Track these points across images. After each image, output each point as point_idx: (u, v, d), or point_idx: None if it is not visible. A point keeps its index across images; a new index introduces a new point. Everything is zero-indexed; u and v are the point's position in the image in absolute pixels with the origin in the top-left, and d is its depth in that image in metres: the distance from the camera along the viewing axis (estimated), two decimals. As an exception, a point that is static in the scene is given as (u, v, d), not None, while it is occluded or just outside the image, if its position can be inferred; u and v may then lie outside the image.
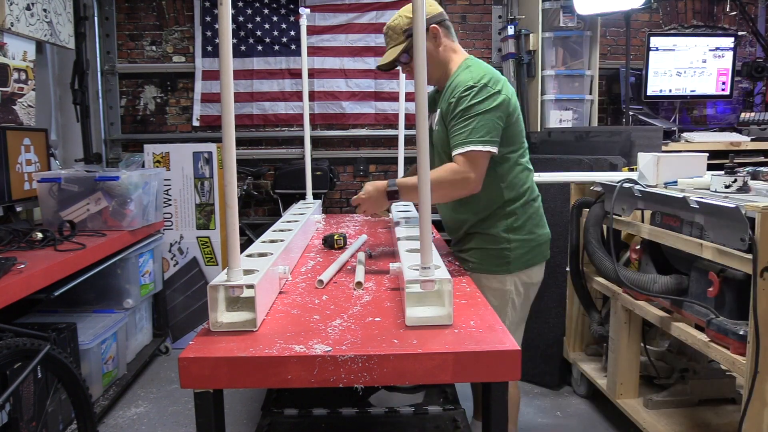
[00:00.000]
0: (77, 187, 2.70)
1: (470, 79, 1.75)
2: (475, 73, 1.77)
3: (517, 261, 1.86)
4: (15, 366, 1.81)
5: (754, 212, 1.56)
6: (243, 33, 4.05)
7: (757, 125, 3.80)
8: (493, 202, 1.85)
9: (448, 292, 1.29)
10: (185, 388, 1.14)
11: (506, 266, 1.86)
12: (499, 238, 1.86)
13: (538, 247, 1.91)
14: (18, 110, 2.80)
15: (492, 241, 1.87)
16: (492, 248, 1.87)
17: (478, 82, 1.74)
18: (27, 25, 2.84)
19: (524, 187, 1.88)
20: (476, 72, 1.78)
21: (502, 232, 1.86)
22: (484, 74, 1.77)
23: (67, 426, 2.31)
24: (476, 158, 1.72)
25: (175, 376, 3.13)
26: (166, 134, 4.11)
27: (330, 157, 4.13)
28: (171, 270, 3.52)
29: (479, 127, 1.72)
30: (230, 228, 1.26)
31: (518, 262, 1.87)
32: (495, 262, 1.87)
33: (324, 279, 1.62)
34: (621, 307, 2.30)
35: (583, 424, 2.54)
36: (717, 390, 2.33)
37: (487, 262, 1.88)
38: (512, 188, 1.85)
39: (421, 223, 1.34)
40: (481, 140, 1.71)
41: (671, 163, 2.16)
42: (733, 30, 4.33)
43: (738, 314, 1.70)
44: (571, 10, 3.80)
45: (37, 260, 2.07)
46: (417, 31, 1.25)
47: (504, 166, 1.83)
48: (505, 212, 1.86)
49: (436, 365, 1.14)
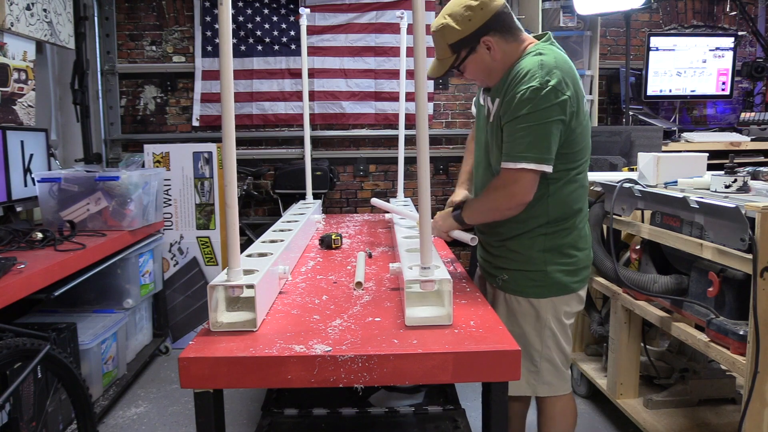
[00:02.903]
0: (77, 187, 2.70)
1: (536, 76, 1.49)
2: (543, 66, 1.51)
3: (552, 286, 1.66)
4: (15, 366, 1.81)
5: (754, 212, 1.56)
6: (243, 33, 4.05)
7: (757, 125, 3.80)
8: (534, 220, 1.64)
9: (448, 292, 1.29)
10: (185, 388, 1.14)
11: (540, 289, 1.67)
12: (535, 258, 1.66)
13: (579, 272, 1.70)
14: (18, 110, 2.80)
15: (526, 261, 1.67)
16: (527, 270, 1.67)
17: (544, 84, 1.48)
18: (27, 25, 2.84)
19: (574, 207, 1.66)
20: (545, 65, 1.51)
21: (539, 252, 1.65)
22: (553, 70, 1.50)
23: (67, 426, 2.31)
24: (523, 175, 1.52)
25: (175, 376, 3.12)
26: (166, 134, 4.11)
27: (330, 157, 4.13)
28: (171, 270, 3.52)
29: (532, 141, 1.50)
30: (230, 228, 1.26)
31: (554, 287, 1.67)
32: (529, 284, 1.67)
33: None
34: (621, 307, 2.30)
35: (583, 424, 2.54)
36: (717, 390, 2.33)
37: (521, 283, 1.68)
38: (559, 207, 1.63)
39: (421, 223, 1.34)
40: (531, 157, 1.50)
41: (671, 163, 2.16)
42: (733, 30, 4.33)
43: (738, 314, 1.70)
44: (571, 10, 3.80)
45: (37, 260, 2.07)
46: (417, 35, 1.25)
47: (557, 183, 1.61)
48: (545, 232, 1.64)
49: (436, 365, 1.14)
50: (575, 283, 1.69)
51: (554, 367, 1.72)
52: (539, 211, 1.62)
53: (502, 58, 1.59)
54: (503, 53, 1.59)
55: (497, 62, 1.59)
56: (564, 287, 1.67)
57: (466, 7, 1.54)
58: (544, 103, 1.48)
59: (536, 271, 1.66)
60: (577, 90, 1.56)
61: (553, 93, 1.48)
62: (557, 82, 1.49)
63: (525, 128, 1.51)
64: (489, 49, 1.57)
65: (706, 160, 2.21)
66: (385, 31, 4.09)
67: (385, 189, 4.24)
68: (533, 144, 1.50)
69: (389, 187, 4.23)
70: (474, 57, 1.59)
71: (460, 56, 1.59)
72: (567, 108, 1.51)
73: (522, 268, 1.67)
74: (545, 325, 1.68)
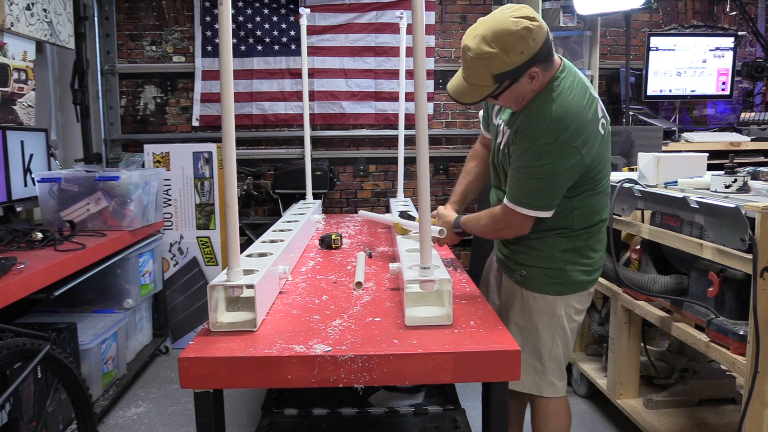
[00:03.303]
0: (77, 187, 2.70)
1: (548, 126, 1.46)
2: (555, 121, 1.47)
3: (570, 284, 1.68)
4: (15, 366, 1.81)
5: (754, 212, 1.56)
6: (243, 33, 4.05)
7: (757, 125, 3.80)
8: (558, 229, 1.64)
9: (448, 292, 1.29)
10: (185, 388, 1.14)
11: (558, 287, 1.68)
12: (555, 257, 1.66)
13: (594, 272, 1.71)
14: (18, 110, 2.80)
15: (546, 259, 1.67)
16: (546, 268, 1.67)
17: (555, 138, 1.45)
18: (27, 25, 2.84)
19: (598, 214, 1.66)
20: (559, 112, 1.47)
21: (559, 251, 1.65)
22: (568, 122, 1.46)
23: (67, 426, 2.31)
24: (521, 218, 1.56)
25: (175, 376, 3.12)
26: (166, 134, 4.11)
27: (330, 157, 4.13)
28: (171, 270, 3.52)
29: (537, 190, 1.51)
30: (230, 228, 1.26)
31: (571, 286, 1.68)
32: (546, 281, 1.68)
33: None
34: (621, 307, 2.30)
35: (583, 424, 2.54)
36: (717, 390, 2.33)
37: (539, 280, 1.68)
38: (584, 216, 1.63)
39: (421, 223, 1.34)
40: (533, 205, 1.52)
41: (671, 163, 2.16)
42: (733, 30, 4.33)
43: (738, 314, 1.70)
44: (571, 10, 3.80)
45: (37, 260, 2.07)
46: (417, 35, 1.25)
47: (580, 197, 1.60)
48: (568, 234, 1.65)
49: (436, 365, 1.14)
50: (590, 282, 1.72)
51: (559, 367, 1.74)
52: (564, 223, 1.63)
53: (539, 87, 1.52)
54: (541, 83, 1.51)
55: (535, 91, 1.53)
56: (579, 285, 1.69)
57: (520, 38, 1.40)
58: (554, 158, 1.47)
59: (555, 269, 1.66)
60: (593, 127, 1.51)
61: (563, 147, 1.46)
62: (570, 134, 1.46)
63: (530, 177, 1.51)
64: (532, 79, 1.48)
65: (706, 160, 2.21)
66: (385, 31, 4.09)
67: (385, 189, 4.24)
68: (535, 193, 1.52)
69: (389, 187, 4.23)
70: (516, 86, 1.49)
71: (502, 86, 1.48)
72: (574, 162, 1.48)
73: (541, 265, 1.67)
74: (558, 322, 1.69)
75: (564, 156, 1.47)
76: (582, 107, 1.51)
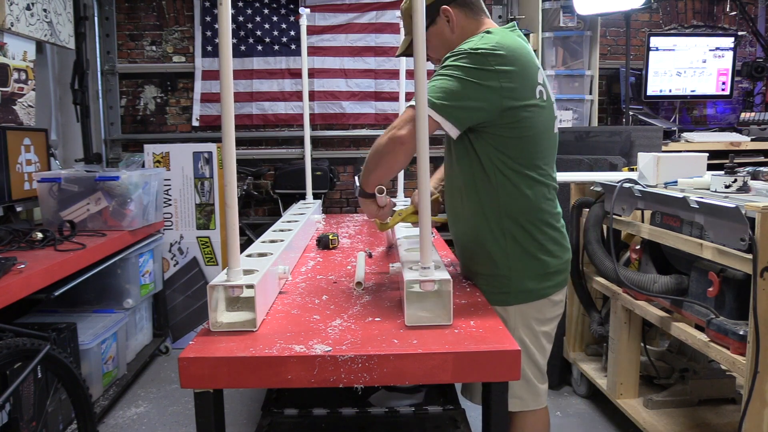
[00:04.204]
0: (77, 187, 2.70)
1: (476, 42, 1.42)
2: (484, 37, 1.43)
3: (518, 292, 1.54)
4: (15, 366, 1.81)
5: (754, 212, 1.56)
6: (243, 33, 4.05)
7: (757, 125, 3.80)
8: (484, 216, 1.53)
9: (448, 292, 1.29)
10: (185, 388, 1.14)
11: (505, 296, 1.54)
12: (497, 261, 1.54)
13: (549, 277, 1.56)
14: (18, 110, 2.80)
15: (491, 264, 1.55)
16: (489, 275, 1.56)
17: (477, 47, 1.39)
18: (27, 25, 2.84)
19: (540, 209, 1.53)
20: (489, 38, 1.41)
21: (499, 253, 1.53)
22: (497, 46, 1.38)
23: (67, 426, 2.31)
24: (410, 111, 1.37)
25: (175, 376, 3.13)
26: (166, 134, 4.11)
27: (330, 157, 4.13)
28: (171, 270, 3.52)
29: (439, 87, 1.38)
30: (230, 228, 1.26)
31: (520, 294, 1.54)
32: (494, 290, 1.55)
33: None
34: (621, 307, 2.30)
35: (583, 424, 2.54)
36: (717, 390, 2.33)
37: (486, 290, 1.55)
38: (513, 203, 1.50)
39: (421, 223, 1.34)
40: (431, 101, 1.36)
41: (671, 163, 2.16)
42: (733, 30, 4.33)
43: (738, 314, 1.70)
44: (571, 10, 3.80)
45: (37, 260, 2.07)
46: (417, 35, 1.25)
47: (501, 175, 1.48)
48: (504, 231, 1.52)
49: (436, 365, 1.14)
50: (546, 288, 1.56)
51: (525, 381, 1.56)
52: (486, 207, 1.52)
53: (460, 34, 1.52)
54: (461, 28, 1.52)
55: (456, 36, 1.52)
56: (530, 293, 1.54)
57: None
58: (470, 63, 1.37)
59: (499, 275, 1.54)
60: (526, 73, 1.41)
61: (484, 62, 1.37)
62: (495, 47, 1.38)
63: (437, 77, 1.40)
64: (449, 21, 1.52)
65: (706, 160, 2.21)
66: (385, 31, 4.09)
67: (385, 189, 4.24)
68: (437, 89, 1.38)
69: (389, 187, 4.22)
70: (434, 29, 1.53)
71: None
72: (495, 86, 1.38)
73: (485, 272, 1.57)
74: (517, 335, 1.53)
75: (482, 68, 1.36)
76: (527, 48, 1.46)
